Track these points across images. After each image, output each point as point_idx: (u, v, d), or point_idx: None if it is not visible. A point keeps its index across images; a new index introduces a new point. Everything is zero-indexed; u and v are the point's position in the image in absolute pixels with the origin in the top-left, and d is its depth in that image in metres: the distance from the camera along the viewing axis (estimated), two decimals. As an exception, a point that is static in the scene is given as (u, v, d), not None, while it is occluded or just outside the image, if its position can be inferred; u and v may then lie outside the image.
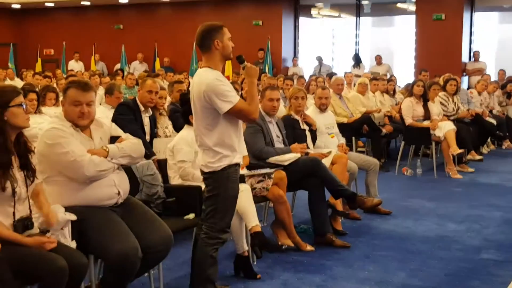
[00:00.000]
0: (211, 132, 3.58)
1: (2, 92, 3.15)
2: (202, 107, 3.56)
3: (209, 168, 3.61)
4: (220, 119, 3.56)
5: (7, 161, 3.07)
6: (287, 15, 16.34)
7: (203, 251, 3.69)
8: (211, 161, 3.60)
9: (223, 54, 3.64)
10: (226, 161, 3.59)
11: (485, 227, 5.66)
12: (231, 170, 3.62)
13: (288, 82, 9.76)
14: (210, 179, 3.64)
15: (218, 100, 3.49)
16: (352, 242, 5.12)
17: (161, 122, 5.95)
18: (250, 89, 3.67)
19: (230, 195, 3.66)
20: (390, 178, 7.97)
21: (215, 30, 3.61)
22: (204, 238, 3.69)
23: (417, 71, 13.40)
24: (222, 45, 3.61)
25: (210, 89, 3.50)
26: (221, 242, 3.73)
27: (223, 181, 3.61)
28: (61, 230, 3.28)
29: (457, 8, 14.19)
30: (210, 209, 3.66)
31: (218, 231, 3.67)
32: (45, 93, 6.83)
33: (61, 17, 19.25)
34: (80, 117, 3.49)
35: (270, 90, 5.40)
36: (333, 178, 5.11)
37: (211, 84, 3.51)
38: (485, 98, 10.47)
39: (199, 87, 3.56)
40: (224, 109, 3.50)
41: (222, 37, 3.60)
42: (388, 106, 9.67)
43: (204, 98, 3.52)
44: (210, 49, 3.61)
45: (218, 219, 3.65)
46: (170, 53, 17.23)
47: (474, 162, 8.70)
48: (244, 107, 3.57)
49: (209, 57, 3.64)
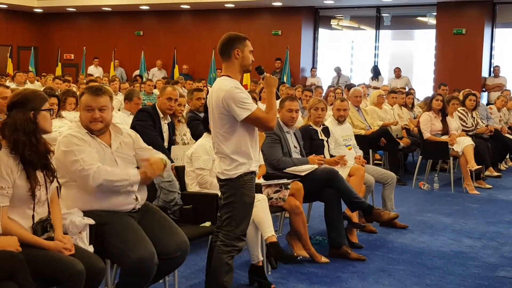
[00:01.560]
0: (228, 140, 3.62)
1: (36, 96, 3.23)
2: (220, 114, 3.61)
3: (225, 175, 3.65)
4: (238, 126, 3.60)
5: (38, 162, 3.13)
6: (307, 26, 16.37)
7: (219, 258, 3.71)
8: (227, 169, 3.63)
9: (242, 65, 3.70)
10: (243, 169, 3.63)
11: (503, 244, 5.60)
12: (246, 178, 3.65)
13: (307, 93, 9.76)
14: (226, 186, 3.67)
15: (236, 107, 3.54)
16: (368, 255, 5.09)
17: (180, 129, 5.98)
18: (269, 98, 3.72)
19: (246, 203, 3.68)
20: (407, 192, 7.92)
21: (237, 40, 3.68)
22: (220, 246, 3.70)
23: (436, 85, 13.33)
24: (242, 56, 3.67)
25: (229, 96, 3.55)
26: (237, 250, 3.74)
27: (239, 189, 3.64)
28: (79, 234, 3.31)
29: (478, 23, 14.12)
30: (226, 216, 3.69)
31: (234, 239, 3.69)
32: (65, 97, 6.89)
33: (82, 22, 19.46)
34: (93, 122, 3.52)
35: (290, 100, 5.41)
36: (350, 190, 5.10)
37: (230, 91, 3.56)
38: (504, 114, 10.38)
39: (217, 94, 3.61)
40: (242, 116, 3.55)
41: (243, 48, 3.68)
42: (406, 119, 9.64)
43: (223, 105, 3.57)
44: (230, 58, 3.67)
45: (234, 226, 3.67)
46: (189, 61, 17.33)
47: (492, 179, 8.64)
48: (262, 115, 3.61)
49: (228, 65, 3.70)
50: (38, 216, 3.15)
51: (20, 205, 3.09)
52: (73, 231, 3.30)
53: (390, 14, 16.02)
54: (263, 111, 3.65)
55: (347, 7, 16.38)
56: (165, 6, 17.27)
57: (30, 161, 3.10)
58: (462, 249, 5.40)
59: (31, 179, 3.09)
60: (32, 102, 3.17)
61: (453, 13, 14.29)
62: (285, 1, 15.48)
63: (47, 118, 3.23)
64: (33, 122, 3.15)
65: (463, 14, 14.23)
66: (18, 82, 12.17)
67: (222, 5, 16.37)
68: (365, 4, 15.70)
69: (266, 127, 3.74)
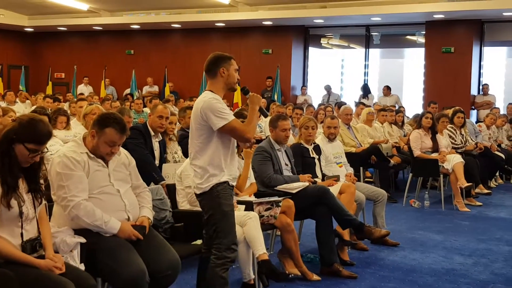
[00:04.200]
0: (203, 150, 3.72)
1: (34, 128, 3.12)
2: (198, 124, 3.72)
3: (199, 189, 3.73)
4: (213, 137, 3.70)
5: (13, 184, 3.07)
6: (297, 44, 16.48)
7: (213, 272, 3.72)
8: (200, 182, 3.72)
9: (227, 83, 3.82)
10: (214, 180, 3.70)
11: (493, 261, 5.62)
12: (220, 188, 3.71)
13: (298, 111, 9.80)
14: (203, 201, 3.76)
15: (213, 116, 3.65)
16: (359, 272, 5.09)
17: (171, 147, 5.99)
18: (250, 113, 3.82)
19: (225, 211, 3.72)
20: (398, 209, 7.94)
21: (223, 59, 3.82)
22: (213, 259, 3.73)
23: (426, 103, 13.44)
24: (228, 74, 3.80)
25: (207, 106, 3.67)
26: (230, 261, 3.75)
27: (215, 199, 3.70)
28: (70, 253, 3.30)
29: (466, 41, 14.28)
30: (212, 230, 3.74)
31: (225, 250, 3.71)
32: (56, 116, 6.88)
33: (73, 41, 19.49)
34: (110, 155, 3.57)
35: (282, 120, 5.44)
36: (341, 207, 5.11)
37: (208, 101, 3.68)
38: (493, 132, 10.47)
39: (197, 105, 3.75)
40: (218, 125, 3.64)
41: (229, 66, 3.81)
42: (397, 137, 9.69)
43: (201, 115, 3.68)
44: (216, 76, 3.80)
45: (222, 237, 3.71)
46: (180, 79, 17.39)
47: (482, 196, 8.69)
48: (238, 126, 3.70)
49: (212, 82, 3.83)
50: (26, 233, 3.12)
51: (8, 223, 3.07)
52: (64, 250, 3.29)
53: (380, 33, 16.18)
54: (241, 123, 3.75)
55: (336, 26, 16.52)
56: (156, 25, 17.36)
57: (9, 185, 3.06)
58: (453, 266, 5.41)
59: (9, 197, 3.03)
60: (21, 132, 3.08)
61: (442, 31, 14.45)
62: (275, 20, 15.60)
63: (24, 155, 3.08)
64: (9, 146, 3.06)
65: (451, 32, 14.39)
66: (8, 101, 12.13)
67: (212, 24, 16.47)
68: (354, 23, 15.84)
69: (242, 138, 3.80)
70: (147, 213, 3.74)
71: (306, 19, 15.52)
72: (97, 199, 3.51)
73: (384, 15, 14.21)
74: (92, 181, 3.51)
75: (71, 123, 7.07)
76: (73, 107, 9.02)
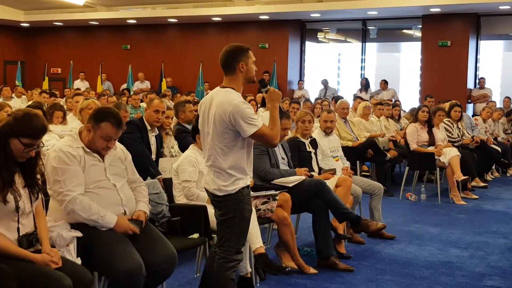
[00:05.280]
0: (227, 154, 3.52)
1: (29, 123, 3.11)
2: (223, 128, 3.48)
3: (223, 191, 3.53)
4: (239, 142, 3.51)
5: (9, 178, 3.07)
6: (294, 39, 16.47)
7: (223, 276, 3.58)
8: (225, 184, 3.52)
9: (246, 77, 3.60)
10: (241, 184, 3.55)
11: (489, 253, 5.64)
12: (245, 192, 3.57)
13: (295, 106, 9.80)
14: (224, 202, 3.55)
15: (243, 123, 3.43)
16: (356, 265, 5.11)
17: (167, 142, 5.99)
18: (272, 113, 3.58)
19: (245, 217, 3.60)
20: (394, 202, 7.96)
21: (241, 53, 3.56)
22: (222, 263, 3.58)
23: (422, 97, 13.45)
24: (247, 68, 3.57)
25: (237, 111, 3.42)
26: (238, 263, 3.68)
27: (239, 204, 3.55)
28: (67, 247, 3.30)
29: (462, 35, 14.29)
30: (226, 232, 3.58)
31: (235, 253, 3.61)
32: (52, 111, 6.87)
33: (69, 36, 19.44)
34: (106, 150, 3.56)
35: (286, 118, 5.37)
36: (338, 200, 5.12)
37: (238, 106, 3.43)
38: (490, 125, 10.50)
39: (223, 107, 3.46)
40: (249, 132, 3.44)
41: (247, 60, 3.56)
42: (393, 131, 9.70)
43: (229, 119, 3.44)
44: (235, 71, 3.56)
45: (235, 241, 3.58)
46: (177, 74, 17.35)
47: (479, 189, 8.71)
48: (267, 132, 3.50)
49: (232, 78, 3.57)
50: (23, 228, 3.13)
51: (4, 218, 3.07)
52: (61, 244, 3.29)
53: (376, 27, 16.17)
54: (268, 128, 3.54)
55: (333, 20, 16.51)
56: (152, 20, 17.31)
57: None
58: (449, 259, 5.43)
59: (5, 192, 3.04)
60: (16, 127, 3.08)
61: (438, 25, 14.46)
62: (272, 15, 15.57)
63: (19, 149, 3.08)
64: (4, 141, 3.06)
65: (448, 26, 14.40)
66: (4, 97, 12.10)
67: (209, 19, 16.43)
68: (351, 17, 15.83)
69: (270, 144, 3.62)
70: (144, 207, 3.73)
71: (303, 13, 15.49)
72: (93, 193, 3.51)
73: (380, 9, 14.20)
74: (88, 176, 3.51)
75: (67, 118, 7.06)
76: (69, 102, 9.00)
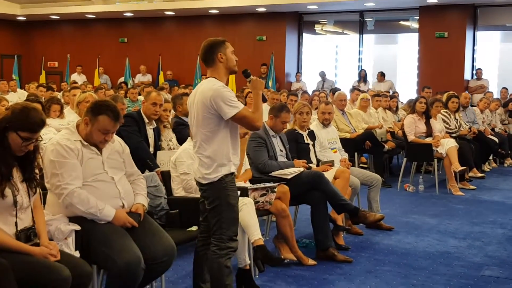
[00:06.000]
0: (210, 139, 3.62)
1: (27, 117, 3.10)
2: (206, 113, 3.60)
3: (206, 179, 3.64)
4: (222, 127, 3.61)
5: (7, 173, 3.07)
6: (291, 31, 16.44)
7: (217, 263, 3.68)
8: (208, 172, 3.63)
9: (227, 67, 3.73)
10: (223, 171, 3.63)
11: (487, 244, 5.66)
12: (228, 179, 3.66)
13: (293, 98, 9.80)
14: (209, 191, 3.66)
15: (224, 105, 3.55)
16: (354, 257, 5.12)
17: (165, 135, 5.99)
18: (255, 99, 3.74)
19: (231, 203, 3.68)
20: (392, 194, 7.97)
21: (217, 44, 3.73)
22: (216, 251, 3.67)
23: (420, 88, 13.45)
24: (226, 58, 3.71)
25: (217, 95, 3.56)
26: (233, 251, 3.74)
27: (223, 191, 3.64)
28: (65, 240, 3.30)
29: (460, 26, 14.28)
30: (215, 220, 3.67)
31: (228, 241, 3.67)
32: (49, 104, 6.87)
33: (66, 30, 19.38)
34: (103, 143, 3.55)
35: (286, 112, 5.44)
36: (336, 192, 5.13)
37: (218, 90, 3.58)
38: (487, 116, 10.51)
39: (204, 94, 3.61)
40: (230, 114, 3.55)
41: (225, 50, 3.72)
42: (391, 123, 9.70)
43: (210, 103, 3.57)
44: (214, 63, 3.71)
45: (226, 228, 3.66)
46: (174, 67, 17.32)
47: (476, 180, 8.74)
48: (248, 114, 3.63)
49: (213, 70, 3.73)
50: (21, 222, 3.12)
51: (2, 212, 3.06)
52: (59, 237, 3.29)
53: (373, 19, 16.14)
54: (250, 111, 3.67)
55: (330, 12, 16.47)
56: (149, 13, 17.25)
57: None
58: (448, 249, 5.44)
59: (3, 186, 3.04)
60: (14, 121, 3.07)
61: (435, 17, 14.43)
62: (269, 7, 15.54)
63: (17, 143, 3.07)
64: (2, 134, 3.05)
65: (445, 17, 14.38)
66: (1, 91, 12.08)
67: (206, 11, 16.39)
68: (348, 9, 15.80)
69: (252, 126, 3.73)
70: (142, 200, 3.73)
71: (300, 5, 15.45)
72: (91, 186, 3.50)
73: (377, 1, 14.18)
74: (86, 169, 3.50)
75: (64, 112, 7.05)
76: (66, 95, 8.99)
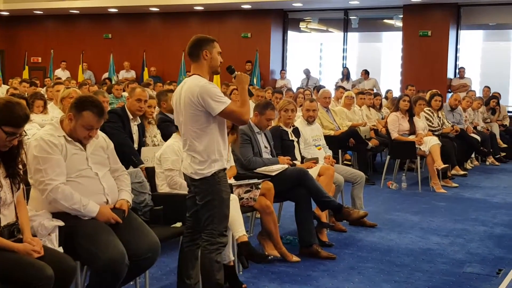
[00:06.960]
0: (201, 136, 3.62)
1: (11, 111, 3.08)
2: (193, 111, 3.60)
3: (199, 175, 3.64)
4: (211, 123, 3.62)
5: None
6: (276, 28, 16.45)
7: (207, 258, 3.70)
8: (201, 168, 3.63)
9: (211, 66, 3.73)
10: (216, 166, 3.64)
11: (469, 241, 5.72)
12: (221, 174, 3.67)
13: (277, 95, 9.81)
14: (201, 186, 3.66)
15: (212, 101, 3.55)
16: (338, 253, 5.15)
17: (150, 131, 5.96)
18: (241, 94, 3.73)
19: (224, 198, 3.69)
20: (375, 191, 8.02)
21: (205, 42, 3.73)
22: (207, 246, 3.69)
23: (403, 86, 13.53)
24: (211, 57, 3.71)
25: (204, 91, 3.56)
26: (223, 246, 3.76)
27: (216, 186, 3.64)
28: (48, 236, 3.29)
29: (443, 25, 14.39)
30: (207, 215, 3.67)
31: (218, 236, 3.69)
32: (33, 100, 6.82)
33: (50, 25, 19.20)
34: (87, 139, 3.54)
35: (271, 109, 5.43)
36: (320, 189, 5.15)
37: (205, 86, 3.58)
38: (469, 114, 10.59)
39: (191, 90, 3.60)
40: (218, 109, 3.56)
41: (211, 49, 3.72)
42: (374, 120, 9.77)
43: (197, 100, 3.56)
44: (199, 59, 3.71)
45: (217, 223, 3.67)
46: (159, 63, 17.25)
47: (458, 177, 8.82)
48: (236, 109, 3.63)
49: (197, 66, 3.73)
50: (4, 218, 3.10)
51: (-16, 208, 3.04)
52: (42, 233, 3.28)
53: (358, 17, 16.20)
54: (237, 105, 3.67)
55: (315, 9, 16.50)
56: (134, 9, 17.15)
57: None
58: (430, 246, 5.50)
59: None
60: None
61: (419, 15, 14.53)
62: (254, 4, 15.52)
63: (1, 137, 3.06)
64: None
65: (428, 16, 14.48)
66: (-16, 86, 11.97)
67: (191, 8, 16.34)
68: (333, 7, 15.84)
69: (240, 121, 3.73)
70: (126, 196, 3.73)
71: (285, 3, 15.47)
72: (75, 182, 3.49)
73: (362, -1, 14.24)
74: (70, 165, 3.48)
75: (48, 107, 7.00)
76: (50, 91, 8.91)
